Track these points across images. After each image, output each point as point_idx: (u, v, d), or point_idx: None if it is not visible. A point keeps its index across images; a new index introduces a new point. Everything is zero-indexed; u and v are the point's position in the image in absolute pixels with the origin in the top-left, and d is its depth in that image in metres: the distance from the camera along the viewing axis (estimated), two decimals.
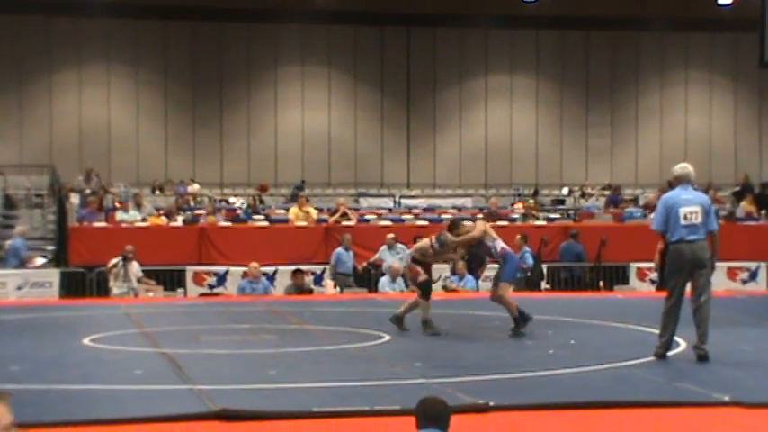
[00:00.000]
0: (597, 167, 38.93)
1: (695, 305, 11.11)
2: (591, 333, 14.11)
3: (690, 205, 11.12)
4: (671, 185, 11.87)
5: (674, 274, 11.15)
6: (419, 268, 14.20)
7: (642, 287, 22.94)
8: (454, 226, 14.41)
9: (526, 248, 22.67)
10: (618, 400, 8.71)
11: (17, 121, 36.39)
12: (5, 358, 11.53)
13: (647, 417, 8.34)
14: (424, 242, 14.46)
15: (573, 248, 23.87)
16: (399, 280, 21.64)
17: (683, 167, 11.57)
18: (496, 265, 14.65)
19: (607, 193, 32.97)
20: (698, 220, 11.07)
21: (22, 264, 22.97)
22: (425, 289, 14.12)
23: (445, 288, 22.05)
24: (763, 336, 13.73)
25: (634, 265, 23.81)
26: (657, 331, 11.44)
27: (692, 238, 11.03)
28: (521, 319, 13.72)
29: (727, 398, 8.75)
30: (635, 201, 31.71)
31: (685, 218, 11.06)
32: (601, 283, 23.46)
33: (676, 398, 8.90)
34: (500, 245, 14.12)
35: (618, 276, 23.95)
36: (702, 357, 10.91)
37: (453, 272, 21.83)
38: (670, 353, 11.45)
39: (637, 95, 40.17)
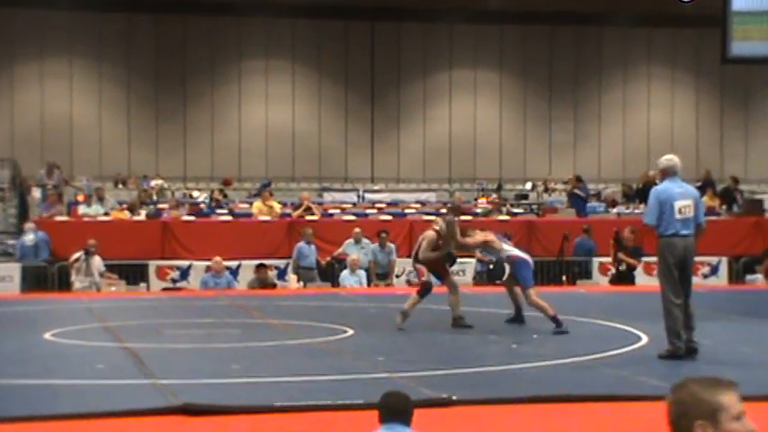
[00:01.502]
0: (560, 162, 39.07)
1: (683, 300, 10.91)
2: (553, 327, 14.16)
3: (684, 199, 10.90)
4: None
5: (670, 268, 10.85)
6: (424, 269, 14.18)
7: (604, 282, 23.06)
8: (457, 210, 14.49)
9: None
10: (580, 394, 8.76)
11: None
12: None
13: (610, 410, 8.40)
14: (430, 234, 14.39)
15: (586, 244, 24.00)
16: (360, 272, 21.66)
17: (670, 159, 11.20)
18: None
19: (569, 187, 33.08)
20: (691, 213, 10.88)
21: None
22: (425, 289, 14.09)
23: (409, 282, 22.09)
24: (722, 330, 13.83)
25: (596, 260, 23.94)
26: (625, 327, 11.41)
27: (685, 232, 10.85)
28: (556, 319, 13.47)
29: None
30: (598, 195, 31.86)
31: (680, 212, 10.83)
32: (564, 278, 23.56)
33: (637, 392, 8.96)
34: (507, 252, 14.17)
35: (581, 271, 24.07)
36: (694, 351, 10.82)
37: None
38: (633, 347, 11.53)
39: (600, 91, 40.36)
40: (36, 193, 28.03)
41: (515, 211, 29.54)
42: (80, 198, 27.68)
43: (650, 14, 38.65)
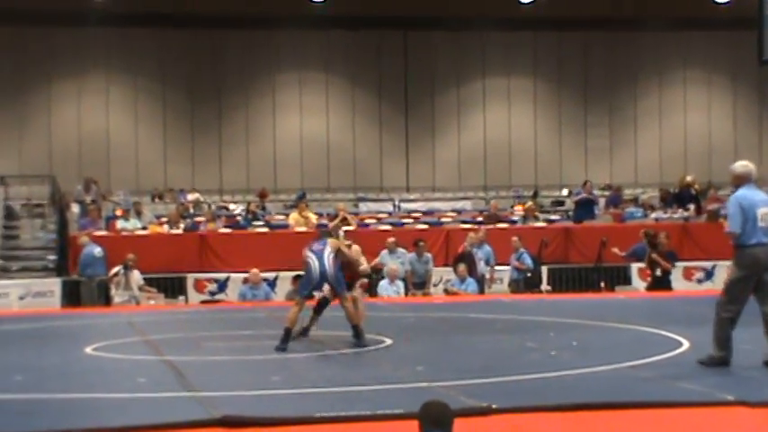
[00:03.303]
0: (596, 168, 38.90)
1: (766, 308, 10.60)
2: (593, 334, 14.11)
3: (765, 206, 10.52)
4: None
5: (746, 279, 10.51)
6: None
7: (643, 287, 22.92)
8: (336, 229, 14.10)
9: (522, 250, 22.68)
10: (621, 401, 8.70)
11: (17, 132, 36.39)
12: (9, 368, 11.54)
13: (651, 417, 8.34)
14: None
15: (646, 248, 23.79)
16: (399, 283, 21.66)
17: (746, 165, 10.79)
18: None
19: (607, 193, 32.96)
20: None
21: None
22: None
23: (446, 291, 22.08)
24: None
25: (635, 266, 23.79)
26: (666, 333, 11.29)
27: (766, 240, 10.47)
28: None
29: (731, 397, 8.75)
30: (635, 201, 31.71)
31: (762, 219, 10.45)
32: (602, 284, 23.46)
33: (680, 398, 8.89)
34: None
35: (619, 277, 23.94)
36: None
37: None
38: (674, 353, 11.45)
39: (635, 96, 40.16)
40: (74, 209, 28.24)
41: (552, 217, 29.44)
42: (118, 213, 27.87)
43: (685, 18, 38.40)
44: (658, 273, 21.43)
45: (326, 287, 13.62)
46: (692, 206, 27.28)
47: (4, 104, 36.28)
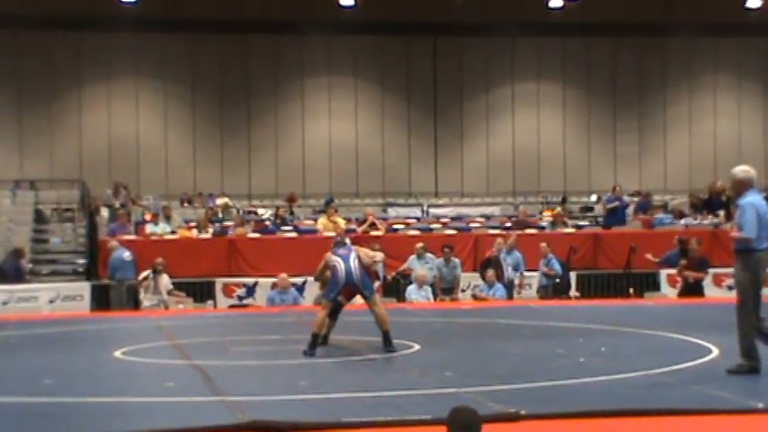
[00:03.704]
0: (626, 174, 38.74)
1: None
2: (622, 340, 14.05)
3: None
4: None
5: (756, 283, 10.67)
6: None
7: (672, 294, 22.81)
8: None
9: (551, 255, 22.62)
10: (650, 408, 8.66)
11: (47, 136, 36.64)
12: (38, 371, 11.60)
13: (680, 424, 8.29)
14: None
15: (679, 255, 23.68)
16: (426, 288, 21.64)
17: (746, 171, 10.90)
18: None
19: (636, 199, 32.83)
20: None
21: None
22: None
23: (474, 297, 22.04)
24: None
25: (664, 272, 23.68)
26: (695, 339, 11.23)
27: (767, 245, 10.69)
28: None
29: (761, 405, 8.69)
30: (664, 207, 31.56)
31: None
32: (631, 290, 23.36)
33: (710, 405, 8.84)
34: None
35: (648, 283, 23.84)
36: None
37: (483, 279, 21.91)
38: (703, 360, 11.39)
39: (665, 102, 40.00)
40: (104, 213, 28.39)
41: (580, 223, 29.35)
42: (147, 217, 27.98)
43: (716, 24, 38.23)
44: (691, 279, 21.34)
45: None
46: (721, 212, 27.12)
47: (36, 109, 36.53)
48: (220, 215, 30.06)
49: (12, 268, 23.23)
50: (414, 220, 29.72)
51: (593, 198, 36.43)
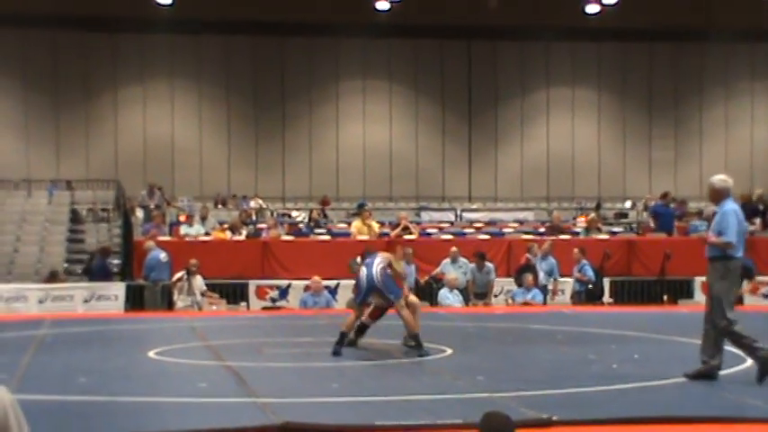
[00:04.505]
0: (660, 180, 38.58)
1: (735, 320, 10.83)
2: (655, 347, 13.99)
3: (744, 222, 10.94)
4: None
5: (731, 292, 10.89)
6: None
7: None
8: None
9: (584, 261, 22.54)
10: (683, 416, 8.62)
11: (83, 137, 36.92)
12: (73, 370, 11.69)
13: (714, 431, 8.25)
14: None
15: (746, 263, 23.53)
16: (456, 292, 21.63)
17: (725, 180, 10.95)
18: None
19: (671, 206, 32.62)
20: None
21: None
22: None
23: (507, 302, 22.01)
24: None
25: (699, 279, 23.51)
26: (729, 347, 11.17)
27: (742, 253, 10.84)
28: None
29: None
30: (699, 214, 31.33)
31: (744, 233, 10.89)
32: (665, 297, 23.23)
33: (743, 414, 8.79)
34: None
35: (682, 290, 23.69)
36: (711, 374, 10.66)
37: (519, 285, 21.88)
38: (737, 368, 11.33)
39: (701, 107, 39.78)
40: (139, 214, 28.54)
41: (614, 229, 29.21)
42: (182, 218, 28.10)
43: (753, 29, 38.00)
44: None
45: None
46: (758, 220, 26.91)
47: (72, 109, 36.82)
48: (254, 217, 30.14)
49: (99, 266, 23.32)
50: (447, 225, 29.68)
51: (628, 204, 36.25)
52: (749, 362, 11.95)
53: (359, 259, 14.50)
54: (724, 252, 10.68)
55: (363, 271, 13.43)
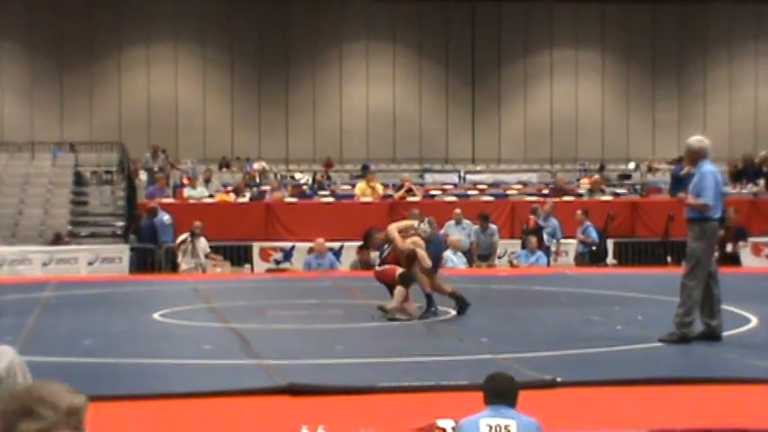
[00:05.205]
0: (664, 142, 38.49)
1: (715, 280, 10.83)
2: (659, 309, 13.98)
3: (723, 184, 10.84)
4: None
5: (709, 252, 10.86)
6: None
7: None
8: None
9: (588, 223, 22.51)
10: (686, 377, 8.65)
11: (87, 99, 36.87)
12: (78, 332, 11.74)
13: (717, 393, 8.27)
14: (408, 224, 14.19)
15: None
16: (460, 253, 21.62)
17: (701, 140, 11.00)
18: None
19: (674, 167, 32.58)
20: None
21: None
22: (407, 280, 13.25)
23: (511, 263, 22.02)
24: None
25: None
26: (733, 308, 11.20)
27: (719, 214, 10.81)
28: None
29: None
30: None
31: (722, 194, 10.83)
32: (669, 259, 23.23)
33: (747, 374, 8.82)
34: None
35: (686, 251, 23.65)
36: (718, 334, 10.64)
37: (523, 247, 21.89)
38: (741, 329, 11.35)
39: (705, 69, 39.62)
40: (142, 176, 28.53)
41: (618, 191, 29.19)
42: (185, 181, 28.10)
43: None
44: (728, 249, 21.18)
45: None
46: (761, 181, 26.89)
47: (76, 72, 36.74)
48: (258, 179, 30.13)
49: (147, 226, 22.93)
50: (450, 187, 29.66)
51: (631, 166, 36.21)
52: (754, 322, 11.99)
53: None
54: (701, 213, 10.65)
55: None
